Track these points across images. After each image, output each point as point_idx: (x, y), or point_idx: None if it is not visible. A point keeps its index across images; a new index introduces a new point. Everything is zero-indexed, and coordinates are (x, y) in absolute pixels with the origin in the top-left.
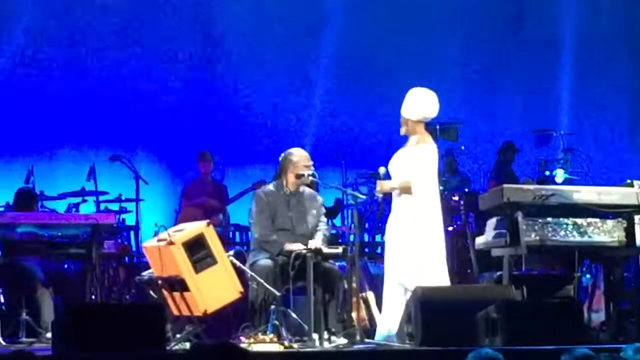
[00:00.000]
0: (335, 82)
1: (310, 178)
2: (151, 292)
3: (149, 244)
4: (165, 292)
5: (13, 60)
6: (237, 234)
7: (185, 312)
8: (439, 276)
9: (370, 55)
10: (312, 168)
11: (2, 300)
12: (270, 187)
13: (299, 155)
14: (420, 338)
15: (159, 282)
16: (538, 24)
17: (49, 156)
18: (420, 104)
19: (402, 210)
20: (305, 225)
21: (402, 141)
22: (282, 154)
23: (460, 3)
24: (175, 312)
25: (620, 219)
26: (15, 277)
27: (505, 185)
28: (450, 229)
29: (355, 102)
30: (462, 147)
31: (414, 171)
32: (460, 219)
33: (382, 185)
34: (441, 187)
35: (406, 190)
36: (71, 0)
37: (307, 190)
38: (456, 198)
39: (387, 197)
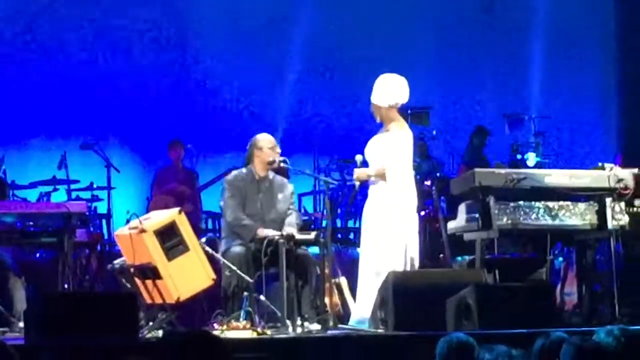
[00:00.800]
0: (307, 69)
1: (282, 164)
2: (123, 281)
3: (120, 232)
4: (137, 280)
5: None
6: (210, 221)
7: (158, 300)
8: (413, 262)
9: (342, 42)
10: (278, 151)
11: None
12: (240, 172)
13: (263, 140)
14: (393, 323)
15: (131, 270)
16: (509, 7)
17: (19, 145)
18: (390, 89)
19: (377, 197)
20: (275, 211)
21: (374, 128)
22: (250, 141)
23: None
24: (148, 300)
25: (592, 202)
26: None
27: (477, 170)
28: (422, 213)
29: (327, 90)
30: (434, 132)
31: (388, 157)
32: (432, 204)
33: (358, 173)
34: (413, 172)
35: (381, 176)
36: None
37: (277, 177)
38: (428, 183)
39: (363, 184)
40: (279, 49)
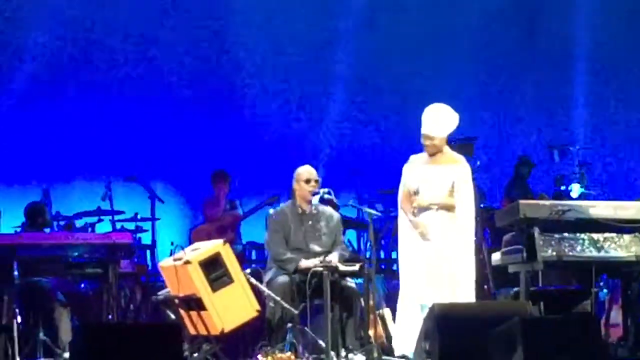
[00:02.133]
0: (348, 99)
1: (326, 196)
2: (168, 312)
3: (165, 263)
4: (182, 312)
5: (25, 82)
6: (253, 252)
7: (202, 332)
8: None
9: (385, 73)
10: (313, 184)
11: (20, 321)
12: (283, 206)
13: (300, 174)
14: (437, 355)
15: (176, 301)
16: (552, 38)
17: (65, 179)
18: (445, 120)
19: (445, 229)
20: (320, 243)
21: None
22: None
23: (474, 20)
24: (192, 331)
25: (637, 234)
26: (33, 297)
27: (522, 201)
28: None
29: (369, 120)
30: (478, 163)
31: (464, 190)
32: (477, 235)
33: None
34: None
35: (449, 208)
36: (83, 20)
37: (324, 208)
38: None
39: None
40: (323, 77)
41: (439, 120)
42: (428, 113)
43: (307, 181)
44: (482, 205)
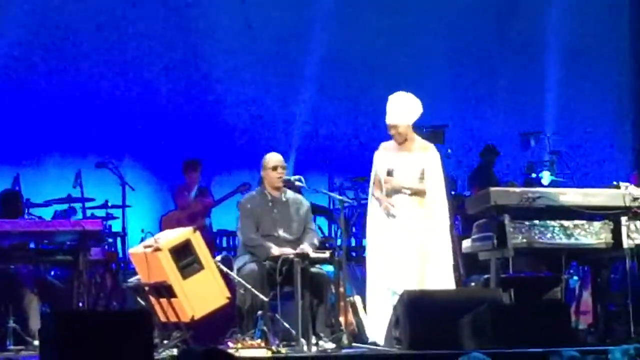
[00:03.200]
0: (320, 87)
1: (297, 183)
2: (138, 299)
3: (135, 250)
4: (152, 299)
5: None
6: (224, 239)
7: (173, 319)
8: (447, 280)
9: (357, 61)
10: (281, 171)
11: None
12: (254, 193)
13: (267, 161)
14: (408, 342)
15: (146, 288)
16: (524, 26)
17: (34, 163)
18: (407, 108)
19: (409, 213)
20: (290, 230)
21: None
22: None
23: (446, 8)
24: (163, 318)
25: (607, 221)
26: (4, 285)
27: (492, 189)
28: None
29: (341, 108)
30: (449, 150)
31: (434, 177)
32: None
33: (394, 184)
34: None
35: (420, 194)
36: (61, 6)
37: (293, 195)
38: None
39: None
40: (295, 66)
41: (400, 108)
42: (390, 102)
43: (274, 168)
44: (452, 193)
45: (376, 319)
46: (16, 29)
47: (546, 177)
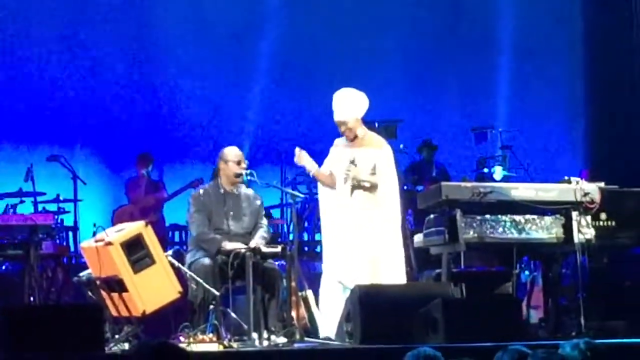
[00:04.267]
0: (274, 81)
1: (249, 177)
2: (89, 293)
3: (86, 244)
4: (103, 293)
5: None
6: (176, 233)
7: (124, 313)
8: (399, 275)
9: (309, 54)
10: (244, 165)
11: None
12: (206, 187)
13: (229, 154)
14: (359, 336)
15: (97, 282)
16: (476, 20)
17: None
18: (361, 102)
19: (361, 207)
20: (242, 224)
21: None
22: (219, 154)
23: (397, 3)
24: (114, 312)
25: (558, 216)
26: None
27: (444, 183)
28: None
29: (294, 101)
30: (401, 146)
31: (386, 172)
32: None
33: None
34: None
35: (373, 189)
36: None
37: (245, 190)
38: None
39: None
40: (246, 59)
41: (346, 104)
42: (335, 99)
43: (238, 162)
44: (404, 188)
45: (329, 313)
46: None
47: (498, 172)
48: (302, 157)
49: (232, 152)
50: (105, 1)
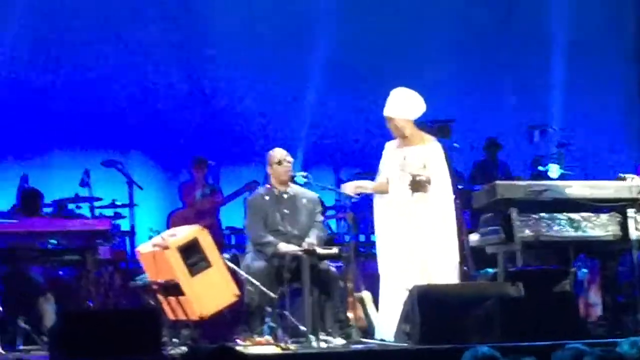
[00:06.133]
0: (328, 82)
1: (304, 179)
2: (146, 298)
3: (143, 249)
4: (160, 297)
5: (5, 65)
6: (232, 237)
7: (182, 317)
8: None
9: (362, 56)
10: (286, 165)
11: (1, 309)
12: (260, 190)
13: (271, 156)
14: (417, 337)
15: (154, 286)
16: (529, 19)
17: (42, 162)
18: (403, 102)
19: (421, 208)
20: (298, 226)
21: None
22: None
23: (450, 4)
24: (172, 316)
25: (614, 213)
26: (16, 285)
27: (499, 182)
28: None
29: (348, 103)
30: (455, 145)
31: (440, 171)
32: (456, 217)
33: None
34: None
35: (425, 186)
36: (67, 3)
37: (301, 190)
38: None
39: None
40: (300, 61)
41: (396, 102)
42: (391, 95)
43: (279, 162)
44: (459, 187)
45: (387, 315)
46: (20, 25)
47: (554, 170)
48: (350, 187)
49: (273, 154)
50: (159, 4)
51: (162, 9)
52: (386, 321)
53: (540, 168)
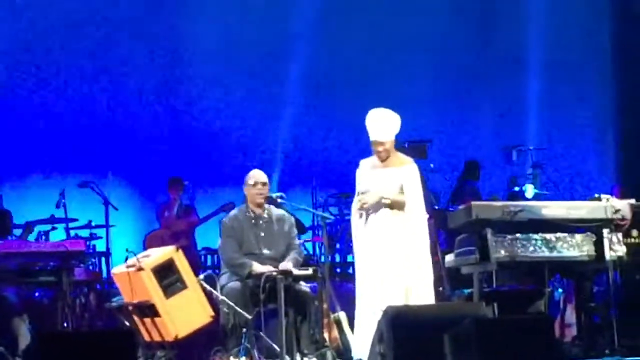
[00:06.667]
0: (304, 104)
1: (278, 200)
2: (122, 319)
3: (118, 270)
4: (136, 318)
5: None
6: (208, 257)
7: (157, 338)
8: (428, 295)
9: (339, 76)
10: (260, 187)
11: None
12: (236, 211)
13: (248, 178)
14: (391, 358)
15: (130, 308)
16: (506, 40)
17: (17, 183)
18: (391, 124)
19: (396, 230)
20: (273, 247)
21: None
22: None
23: (428, 21)
24: (147, 337)
25: (589, 233)
26: None
27: (474, 203)
28: None
29: (324, 124)
30: (431, 165)
31: (414, 192)
32: (431, 237)
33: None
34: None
35: (399, 207)
36: (43, 27)
37: (277, 211)
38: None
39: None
40: (276, 82)
41: (385, 124)
42: (373, 119)
43: (254, 185)
44: (435, 207)
45: (363, 335)
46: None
47: (530, 190)
48: (373, 197)
49: (250, 176)
50: (139, 34)
51: (139, 30)
52: (362, 342)
53: (516, 188)
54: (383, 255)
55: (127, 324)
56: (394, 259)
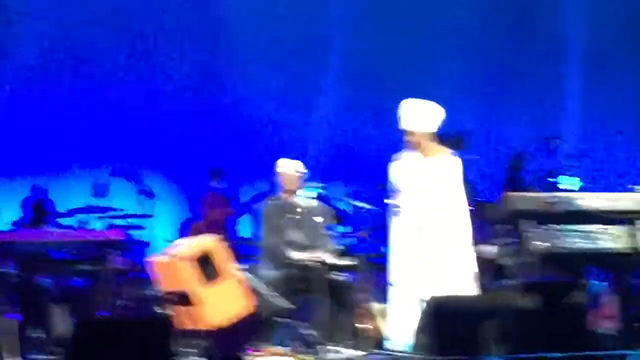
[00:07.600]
0: (343, 94)
1: (318, 190)
2: (159, 307)
3: (156, 258)
4: (172, 307)
5: (23, 76)
6: (247, 247)
7: (193, 327)
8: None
9: (378, 68)
10: (300, 174)
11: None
12: (271, 200)
13: (281, 165)
14: (432, 347)
15: (167, 297)
16: (543, 31)
17: (59, 173)
18: (422, 115)
19: (438, 221)
20: (308, 236)
21: None
22: None
23: (464, 15)
24: (183, 326)
25: (627, 225)
26: (32, 295)
27: (511, 194)
28: None
29: (362, 115)
30: (471, 157)
31: (455, 185)
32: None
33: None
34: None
35: (441, 199)
36: (82, 20)
37: (312, 201)
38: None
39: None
40: (314, 73)
41: (413, 114)
42: (402, 108)
43: (289, 172)
44: (475, 199)
45: (398, 326)
46: (38, 40)
47: (568, 182)
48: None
49: (279, 164)
50: (175, 19)
51: (181, 22)
52: (397, 331)
53: (553, 180)
54: (423, 246)
55: (163, 312)
56: (434, 249)
